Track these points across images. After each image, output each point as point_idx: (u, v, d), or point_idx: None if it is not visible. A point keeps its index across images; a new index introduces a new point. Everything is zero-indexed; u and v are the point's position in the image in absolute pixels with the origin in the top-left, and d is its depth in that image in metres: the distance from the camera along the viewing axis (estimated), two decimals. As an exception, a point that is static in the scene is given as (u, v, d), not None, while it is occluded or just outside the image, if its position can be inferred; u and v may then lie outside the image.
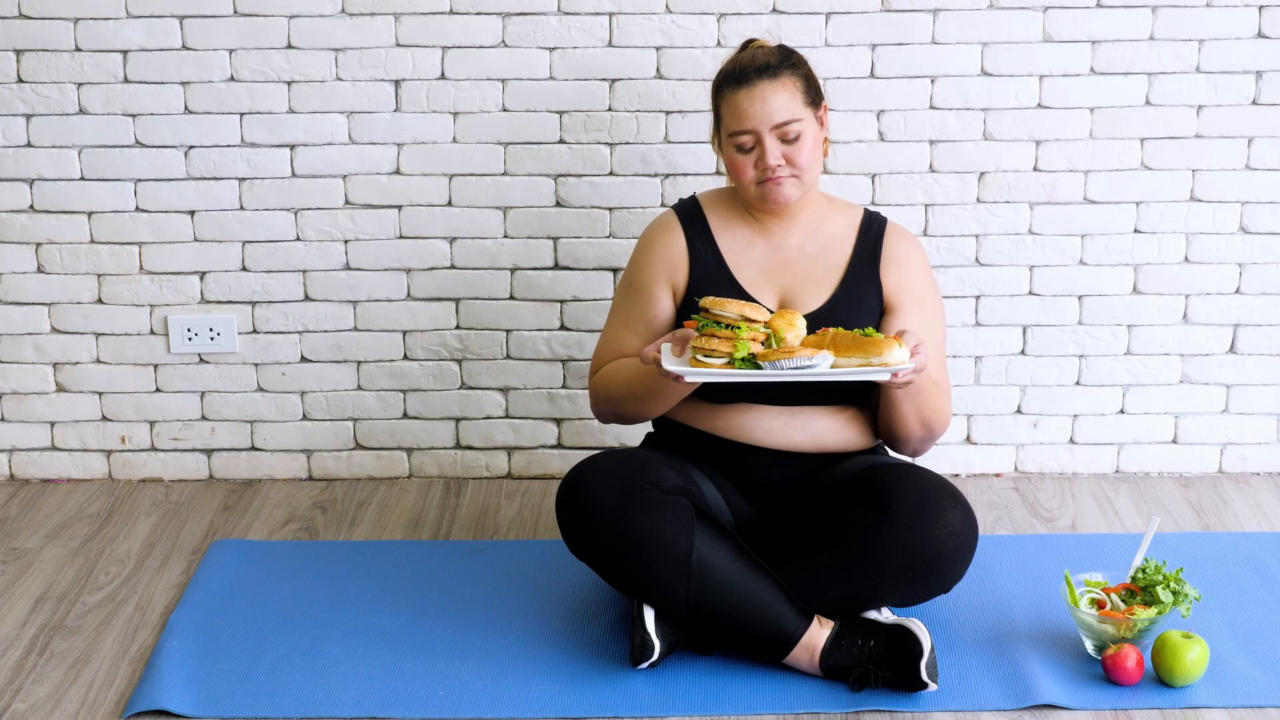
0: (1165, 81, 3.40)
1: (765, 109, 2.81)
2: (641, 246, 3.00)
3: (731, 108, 2.84)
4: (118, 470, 3.64)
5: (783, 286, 2.93)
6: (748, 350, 2.59)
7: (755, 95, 2.81)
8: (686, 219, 2.97)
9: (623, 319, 2.99)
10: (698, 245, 2.94)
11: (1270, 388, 3.58)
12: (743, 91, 2.82)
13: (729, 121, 2.85)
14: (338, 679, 2.74)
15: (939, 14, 3.37)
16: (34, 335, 3.56)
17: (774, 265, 2.93)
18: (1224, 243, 3.49)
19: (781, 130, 2.82)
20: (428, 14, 3.38)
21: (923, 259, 2.98)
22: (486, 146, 3.45)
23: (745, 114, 2.82)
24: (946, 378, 2.94)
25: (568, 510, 2.79)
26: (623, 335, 2.98)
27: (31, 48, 3.39)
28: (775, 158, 2.82)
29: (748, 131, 2.82)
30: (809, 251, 2.94)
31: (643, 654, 2.71)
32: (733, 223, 2.96)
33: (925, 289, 2.96)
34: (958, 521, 2.71)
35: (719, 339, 2.60)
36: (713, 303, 2.64)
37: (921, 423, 2.86)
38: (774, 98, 2.82)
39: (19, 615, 3.00)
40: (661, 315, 2.96)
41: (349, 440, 3.63)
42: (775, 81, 2.82)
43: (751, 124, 2.82)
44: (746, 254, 2.94)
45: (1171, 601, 2.72)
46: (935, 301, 2.98)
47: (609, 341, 2.99)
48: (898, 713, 2.64)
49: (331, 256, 3.51)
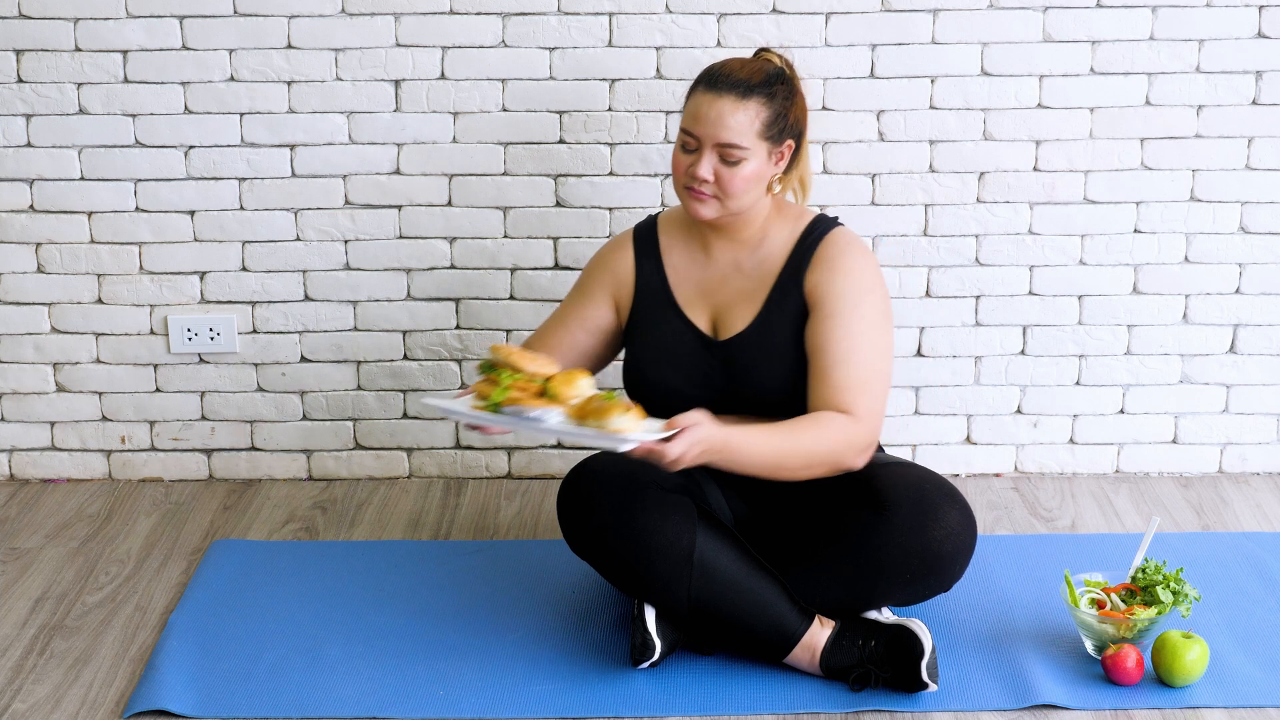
0: (1165, 81, 3.40)
1: (716, 123, 2.74)
2: (595, 258, 3.02)
3: (691, 105, 2.79)
4: (118, 470, 3.64)
5: (714, 305, 2.90)
6: (503, 396, 2.57)
7: (715, 105, 2.74)
8: (640, 240, 2.97)
9: (559, 315, 3.01)
10: (645, 265, 2.94)
11: (1270, 388, 3.58)
12: (707, 96, 2.76)
13: (685, 116, 2.80)
14: (338, 679, 2.74)
15: (939, 14, 3.37)
16: (34, 335, 3.56)
17: (709, 283, 2.91)
18: (1224, 243, 3.49)
19: (723, 150, 2.75)
20: (428, 14, 3.38)
21: (859, 265, 2.82)
22: (486, 146, 3.45)
23: (697, 118, 2.77)
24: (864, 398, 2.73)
25: (569, 509, 2.79)
26: (553, 326, 3.00)
27: (31, 48, 3.39)
28: (705, 172, 2.75)
29: (694, 135, 2.77)
30: (745, 268, 2.88)
31: (643, 654, 2.71)
32: (682, 240, 2.94)
33: (850, 294, 2.80)
34: (956, 522, 2.71)
35: (488, 383, 2.61)
36: (495, 349, 2.64)
37: (802, 468, 2.72)
38: (730, 116, 2.74)
39: (19, 615, 3.00)
40: (595, 320, 2.97)
41: (349, 440, 3.63)
42: (740, 102, 2.74)
43: (698, 130, 2.76)
44: (688, 272, 2.92)
45: (1171, 601, 2.72)
46: (861, 311, 2.78)
47: (540, 329, 3.02)
48: (897, 713, 2.64)
49: (331, 256, 3.51)
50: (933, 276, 3.51)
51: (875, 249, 3.49)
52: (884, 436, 3.57)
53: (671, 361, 2.88)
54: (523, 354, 2.62)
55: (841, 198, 3.46)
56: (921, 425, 3.60)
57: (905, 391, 3.58)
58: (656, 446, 2.54)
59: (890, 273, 3.49)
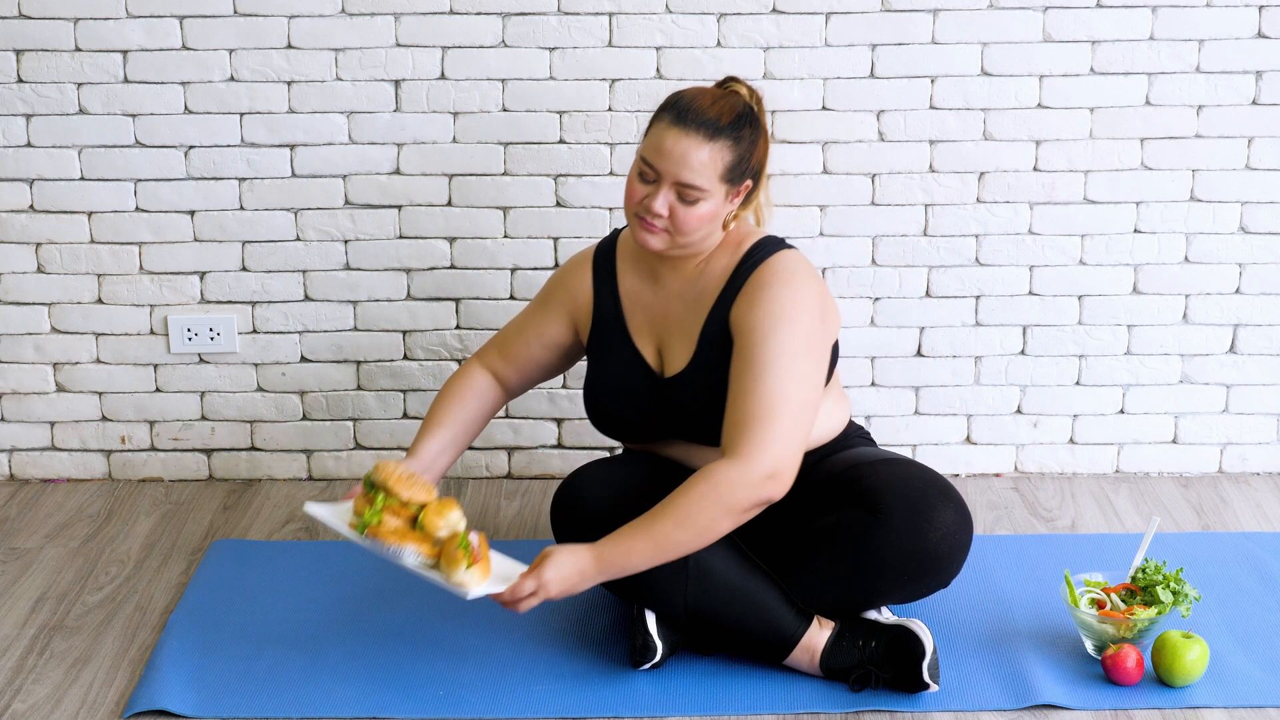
0: (1165, 81, 3.40)
1: (679, 161, 2.64)
2: (559, 272, 2.98)
3: (655, 137, 2.67)
4: (118, 470, 3.64)
5: (659, 336, 2.85)
6: (375, 520, 2.61)
7: (680, 143, 2.64)
8: (599, 263, 2.92)
9: (520, 323, 3.00)
10: (602, 291, 2.90)
11: (1270, 388, 3.58)
12: (674, 131, 2.65)
13: (647, 145, 2.68)
14: (338, 679, 2.74)
15: (939, 14, 3.37)
16: (34, 335, 3.56)
17: (656, 313, 2.85)
18: (1224, 243, 3.49)
19: (681, 188, 2.66)
20: (428, 14, 3.38)
21: (782, 296, 2.69)
22: (486, 146, 3.45)
23: (660, 151, 2.65)
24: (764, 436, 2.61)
25: (562, 520, 2.80)
26: (513, 335, 3.00)
27: (31, 48, 3.39)
28: (661, 207, 2.66)
29: (653, 168, 2.66)
30: (685, 299, 2.81)
31: (644, 656, 2.71)
32: (635, 266, 2.88)
33: (765, 327, 2.67)
34: (951, 521, 2.70)
35: (365, 500, 2.65)
36: (378, 468, 2.66)
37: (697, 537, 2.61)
38: (694, 156, 2.64)
39: (19, 615, 3.00)
40: (551, 337, 2.96)
41: (349, 440, 3.63)
42: (707, 143, 2.64)
43: (659, 164, 2.65)
44: (639, 298, 2.87)
45: (1171, 601, 2.72)
46: (775, 341, 2.65)
47: (502, 335, 3.01)
48: (897, 713, 2.64)
49: (331, 256, 3.51)
50: (933, 276, 3.51)
51: (875, 249, 3.49)
52: (884, 437, 3.58)
53: (622, 393, 2.86)
54: (400, 479, 2.64)
55: (841, 198, 3.46)
56: (921, 425, 3.60)
57: (905, 391, 3.58)
58: (506, 596, 2.57)
59: (890, 273, 3.49)
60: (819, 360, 2.70)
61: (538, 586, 2.58)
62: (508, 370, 2.99)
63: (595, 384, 2.91)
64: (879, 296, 3.52)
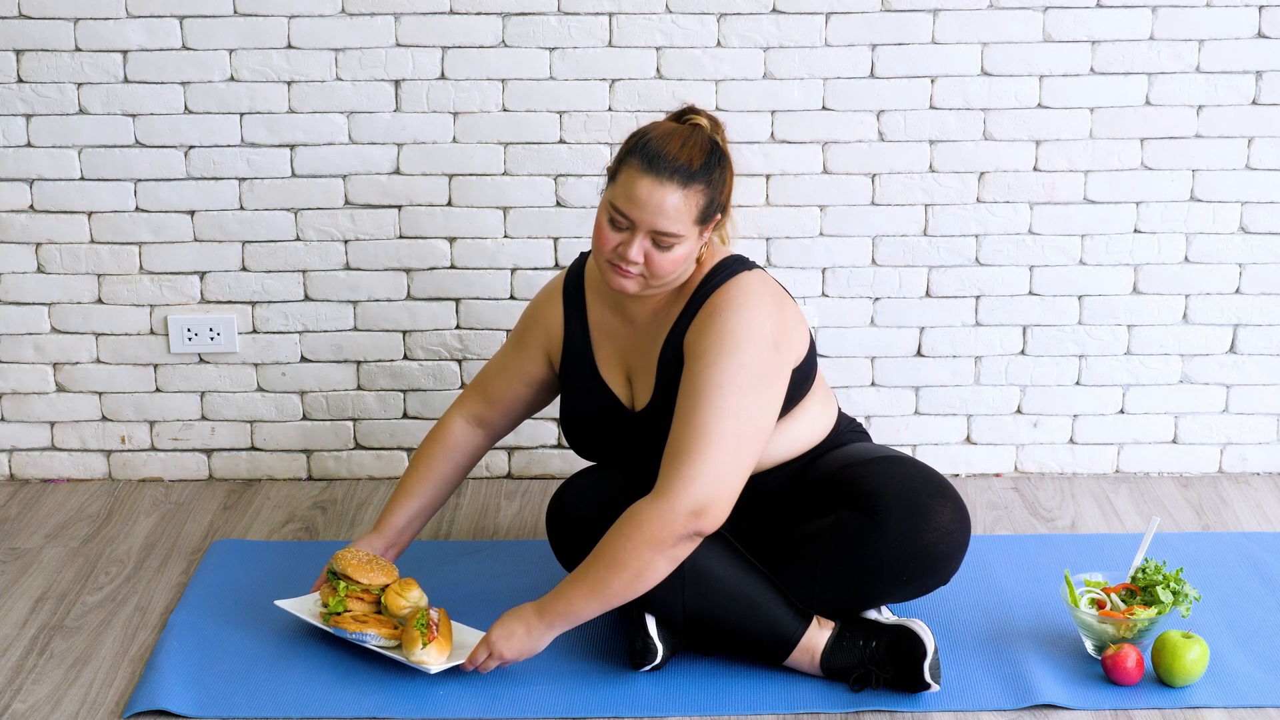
0: (1165, 81, 3.40)
1: (656, 212, 2.58)
2: (531, 306, 2.96)
3: (628, 185, 2.59)
4: (118, 470, 3.64)
5: (626, 367, 2.83)
6: (340, 607, 2.80)
7: (655, 193, 2.57)
8: (568, 294, 2.89)
9: (500, 363, 3.00)
10: (572, 324, 2.88)
11: (1270, 388, 3.58)
12: (647, 180, 2.58)
13: (618, 194, 2.61)
14: (337, 679, 2.74)
15: (939, 14, 3.37)
16: (34, 335, 3.56)
17: (624, 346, 2.83)
18: (1224, 243, 3.49)
19: (657, 236, 2.61)
20: (428, 14, 3.38)
21: (731, 323, 2.63)
22: (486, 146, 3.45)
23: (634, 201, 2.58)
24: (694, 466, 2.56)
25: (557, 529, 2.81)
26: (494, 376, 3.00)
27: (31, 48, 3.39)
28: (637, 255, 2.61)
29: (627, 217, 2.60)
30: (650, 330, 2.78)
31: (645, 658, 2.71)
32: (602, 295, 2.84)
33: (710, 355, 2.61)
34: (949, 520, 2.69)
35: (329, 589, 2.84)
36: (336, 558, 2.85)
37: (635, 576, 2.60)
38: (669, 204, 2.58)
39: (19, 615, 3.00)
40: (531, 374, 2.95)
41: (349, 440, 3.63)
42: (681, 190, 2.58)
43: (634, 214, 2.59)
44: (608, 330, 2.84)
45: (1171, 601, 2.72)
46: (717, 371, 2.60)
47: (481, 377, 3.02)
48: (898, 713, 2.63)
49: (331, 256, 3.51)
50: (933, 276, 3.51)
51: (875, 249, 3.49)
52: (884, 437, 3.58)
53: (594, 424, 2.86)
54: (359, 565, 2.83)
55: (841, 198, 3.46)
56: (921, 425, 3.60)
57: (905, 391, 3.58)
58: (466, 665, 2.68)
59: (890, 273, 3.49)
60: (768, 390, 2.64)
61: (490, 651, 2.67)
62: (492, 413, 3.00)
63: (569, 414, 2.90)
64: (879, 296, 3.52)
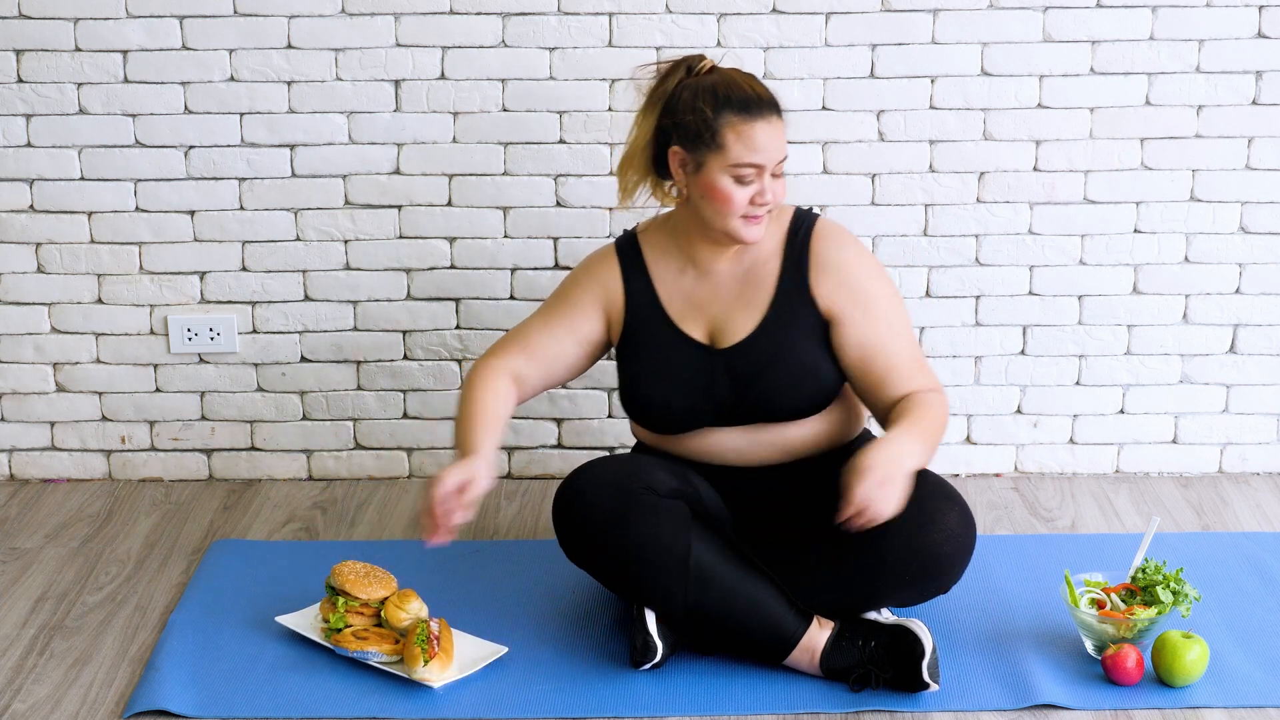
0: (1165, 81, 3.40)
1: (778, 146, 2.72)
2: (580, 269, 2.96)
3: (746, 138, 2.70)
4: (118, 470, 3.64)
5: (710, 316, 2.87)
6: (340, 623, 2.80)
7: (771, 129, 2.71)
8: (625, 255, 2.92)
9: (543, 318, 2.94)
10: (634, 284, 2.90)
11: (1270, 388, 3.58)
12: (760, 124, 2.70)
13: (737, 151, 2.70)
14: (338, 679, 2.74)
15: (939, 14, 3.37)
16: (34, 335, 3.56)
17: (702, 295, 2.87)
18: (1224, 243, 3.49)
19: (778, 166, 2.75)
20: (428, 14, 3.38)
21: (856, 255, 2.85)
22: (486, 146, 3.45)
23: (761, 147, 2.70)
24: (927, 372, 2.83)
25: (563, 519, 2.79)
26: (536, 331, 2.93)
27: (31, 48, 3.39)
28: (770, 193, 2.73)
29: (756, 166, 2.71)
30: (738, 275, 2.86)
31: (645, 656, 2.71)
32: (666, 254, 2.90)
33: (868, 287, 2.83)
34: (955, 524, 2.70)
35: (329, 604, 2.84)
36: (335, 573, 2.86)
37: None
38: (781, 136, 2.73)
39: (19, 615, 3.00)
40: (584, 332, 2.92)
41: (349, 440, 3.63)
42: (780, 118, 2.74)
43: (761, 158, 2.70)
44: (677, 286, 2.89)
45: (1171, 601, 2.72)
46: (885, 297, 2.84)
47: (519, 331, 2.94)
48: (898, 713, 2.64)
49: (331, 256, 3.51)
50: (933, 276, 3.51)
51: (875, 249, 3.49)
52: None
53: (671, 377, 2.85)
54: (357, 580, 2.84)
55: (841, 198, 3.46)
56: (921, 425, 3.60)
57: (905, 391, 3.58)
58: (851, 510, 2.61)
59: (890, 272, 3.48)
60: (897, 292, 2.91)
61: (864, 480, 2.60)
62: (532, 371, 2.93)
63: (638, 374, 2.88)
64: (879, 296, 3.52)
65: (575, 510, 2.76)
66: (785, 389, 2.81)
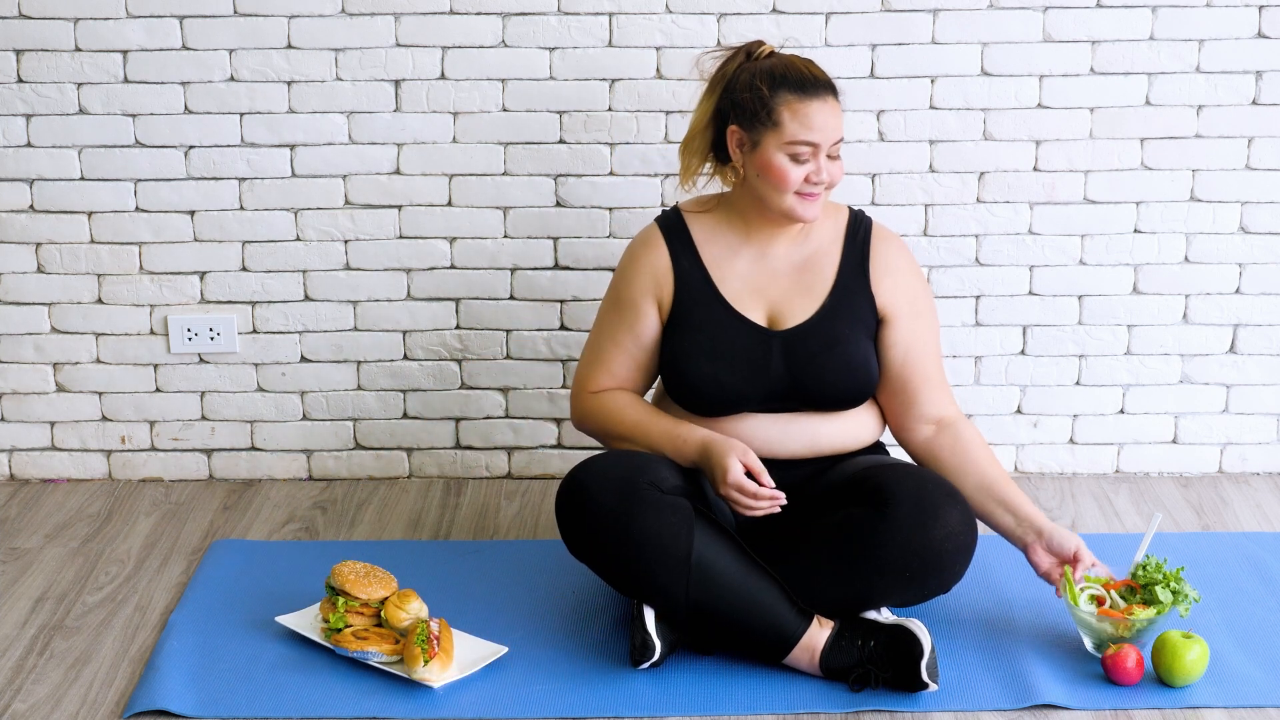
0: (1165, 81, 3.40)
1: (835, 127, 2.80)
2: (626, 261, 2.97)
3: (801, 116, 2.78)
4: (118, 470, 3.64)
5: (769, 299, 2.90)
6: (341, 624, 2.80)
7: (827, 109, 2.79)
8: (670, 234, 2.94)
9: (611, 337, 2.97)
10: (682, 261, 2.91)
11: (1270, 388, 3.58)
12: (815, 103, 2.78)
13: (793, 129, 2.78)
14: (338, 679, 2.74)
15: (939, 14, 3.37)
16: (34, 335, 3.56)
17: (760, 277, 2.91)
18: (1224, 243, 3.49)
19: (834, 148, 2.81)
20: (428, 14, 3.38)
21: (910, 261, 2.97)
22: (486, 146, 3.45)
23: (817, 126, 2.78)
24: (950, 390, 2.97)
25: (567, 513, 2.79)
26: (611, 353, 2.96)
27: (31, 48, 3.39)
28: (827, 173, 2.80)
29: (811, 144, 2.78)
30: (795, 261, 2.92)
31: (643, 654, 2.71)
32: (717, 234, 2.93)
33: (916, 291, 2.95)
34: (956, 522, 2.71)
35: (329, 604, 2.84)
36: (335, 573, 2.86)
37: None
38: (838, 116, 2.81)
39: (19, 615, 3.00)
40: (649, 332, 2.94)
41: (349, 440, 3.63)
42: (837, 99, 2.82)
43: (818, 137, 2.78)
44: (731, 266, 2.92)
45: (1170, 601, 2.72)
46: (927, 300, 2.97)
47: (598, 358, 2.98)
48: (898, 713, 2.64)
49: (331, 256, 3.51)
50: (933, 276, 3.51)
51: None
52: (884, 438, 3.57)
53: (720, 355, 2.86)
54: (357, 580, 2.84)
55: (841, 198, 3.45)
56: (921, 425, 3.60)
57: (905, 391, 3.58)
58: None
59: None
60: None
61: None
62: (626, 387, 2.99)
63: (682, 352, 2.89)
64: (879, 296, 3.52)
65: (578, 504, 2.76)
66: (839, 374, 2.86)
